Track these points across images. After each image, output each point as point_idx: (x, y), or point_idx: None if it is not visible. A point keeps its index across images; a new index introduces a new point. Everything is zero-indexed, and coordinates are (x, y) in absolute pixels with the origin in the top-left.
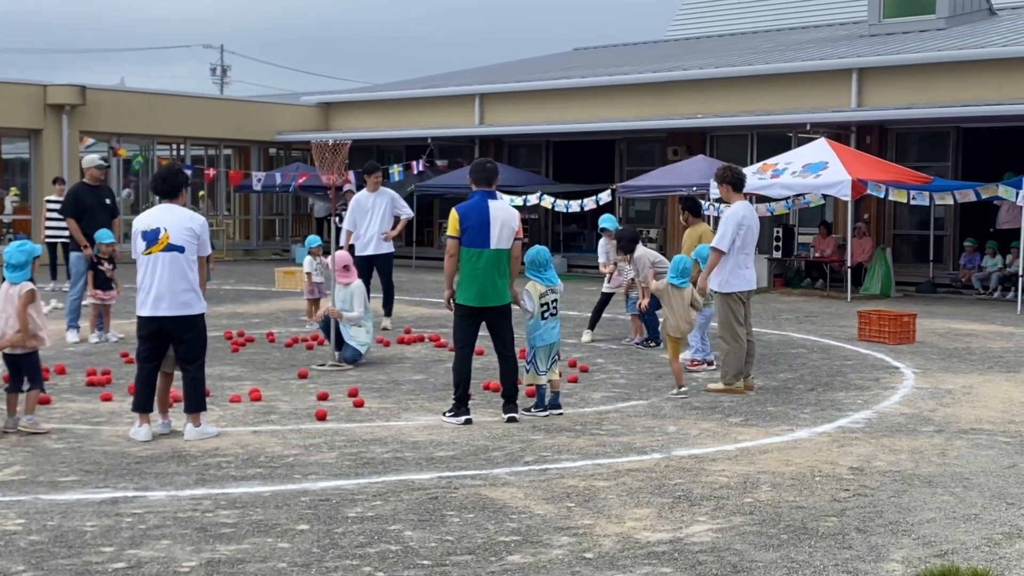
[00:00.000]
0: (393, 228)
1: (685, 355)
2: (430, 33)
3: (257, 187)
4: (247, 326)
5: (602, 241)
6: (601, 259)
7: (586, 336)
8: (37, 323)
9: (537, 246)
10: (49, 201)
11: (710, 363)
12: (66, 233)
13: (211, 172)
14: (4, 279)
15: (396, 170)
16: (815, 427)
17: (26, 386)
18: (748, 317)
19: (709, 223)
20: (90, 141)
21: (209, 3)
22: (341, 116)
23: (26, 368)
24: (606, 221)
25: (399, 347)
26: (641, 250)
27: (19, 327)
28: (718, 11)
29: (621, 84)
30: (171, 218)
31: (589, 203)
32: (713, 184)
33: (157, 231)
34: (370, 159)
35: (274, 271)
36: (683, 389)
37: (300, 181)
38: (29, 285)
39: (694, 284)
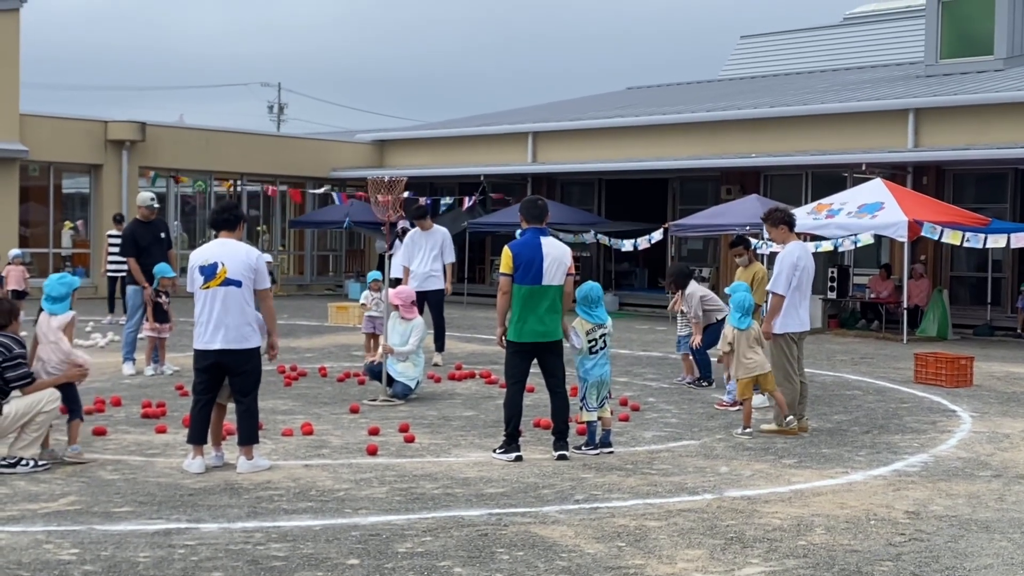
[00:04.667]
0: (445, 276)
1: (724, 397)
2: (484, 72)
3: (319, 191)
4: (300, 360)
5: None
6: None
7: None
8: (75, 351)
9: (590, 282)
10: (111, 236)
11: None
12: (125, 267)
13: (271, 190)
14: (42, 310)
15: (446, 201)
16: (870, 470)
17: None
18: (801, 358)
19: (763, 262)
20: (152, 174)
21: (267, 42)
22: (395, 153)
23: (66, 398)
24: None
25: (450, 383)
26: (693, 286)
27: (65, 355)
28: (773, 51)
29: (675, 123)
30: (229, 253)
31: (642, 242)
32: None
33: (215, 266)
34: (416, 198)
35: (327, 306)
36: (748, 430)
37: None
38: (71, 313)
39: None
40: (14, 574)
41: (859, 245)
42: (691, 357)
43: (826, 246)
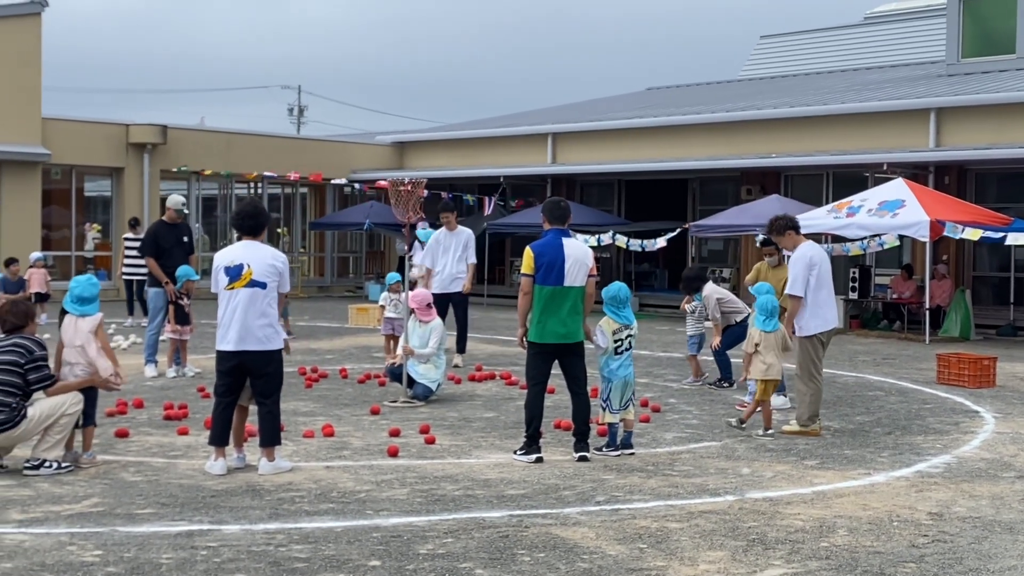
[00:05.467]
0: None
1: (745, 397)
2: (504, 73)
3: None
4: (320, 362)
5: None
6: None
7: None
8: (100, 359)
9: (618, 283)
10: (127, 239)
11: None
12: (143, 271)
13: (294, 176)
14: (66, 312)
15: (470, 197)
16: (893, 471)
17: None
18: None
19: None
20: (180, 168)
21: (287, 45)
22: (415, 155)
23: (84, 402)
24: None
25: (470, 384)
26: (709, 288)
27: (109, 360)
28: (793, 51)
29: (695, 123)
30: (254, 255)
31: (659, 241)
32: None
33: (240, 267)
34: (444, 198)
35: (348, 308)
36: (770, 432)
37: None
38: (100, 316)
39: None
40: (38, 575)
41: (885, 247)
42: (697, 358)
43: (854, 249)
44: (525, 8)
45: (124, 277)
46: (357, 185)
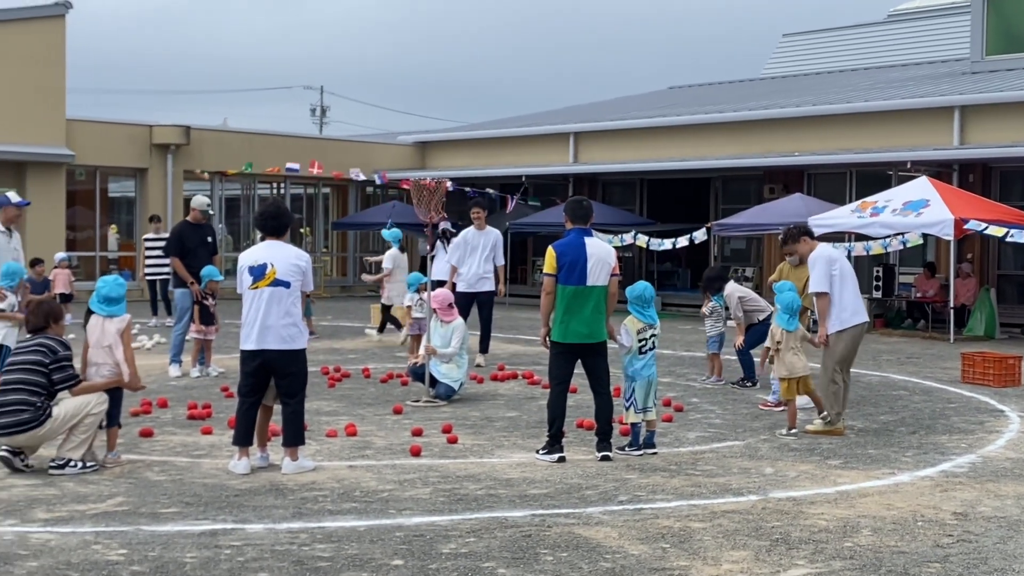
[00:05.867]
0: (496, 277)
1: (769, 397)
2: (526, 72)
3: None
4: (343, 362)
5: None
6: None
7: None
8: (125, 362)
9: (643, 282)
10: (147, 239)
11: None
12: (164, 270)
13: (316, 170)
14: (91, 312)
15: (491, 192)
16: (917, 471)
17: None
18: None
19: None
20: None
21: (309, 45)
22: (437, 155)
23: (111, 403)
24: None
25: (492, 384)
26: (731, 287)
27: (128, 365)
28: (816, 49)
29: (717, 122)
30: (278, 254)
31: (683, 241)
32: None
33: (264, 266)
34: (462, 189)
35: (370, 307)
36: (793, 431)
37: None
38: (128, 318)
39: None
40: (63, 574)
41: (908, 245)
42: (720, 357)
43: (876, 247)
44: (546, 7)
45: (147, 277)
46: (378, 179)
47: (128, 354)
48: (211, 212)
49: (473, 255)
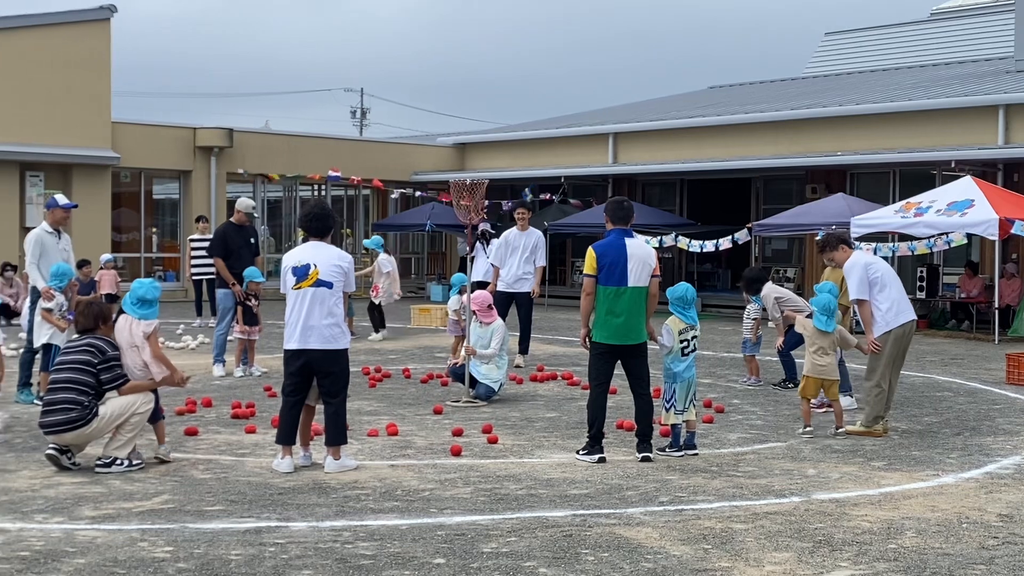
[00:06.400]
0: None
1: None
2: (564, 73)
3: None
4: (384, 362)
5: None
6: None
7: None
8: (154, 363)
9: (684, 283)
10: (193, 240)
11: (829, 405)
12: (210, 270)
13: (355, 179)
14: (122, 312)
15: (529, 193)
16: (962, 472)
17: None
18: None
19: None
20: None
21: (350, 48)
22: (476, 156)
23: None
24: None
25: (532, 385)
26: (768, 288)
27: (163, 363)
28: (858, 47)
29: (758, 122)
30: (321, 255)
31: (725, 243)
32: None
33: (307, 267)
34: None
35: (410, 308)
36: (808, 429)
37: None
38: (156, 323)
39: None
40: (110, 571)
41: (952, 245)
42: (756, 358)
43: (921, 247)
44: (587, 7)
45: (193, 277)
46: (419, 193)
47: (157, 352)
48: (256, 215)
49: (513, 255)
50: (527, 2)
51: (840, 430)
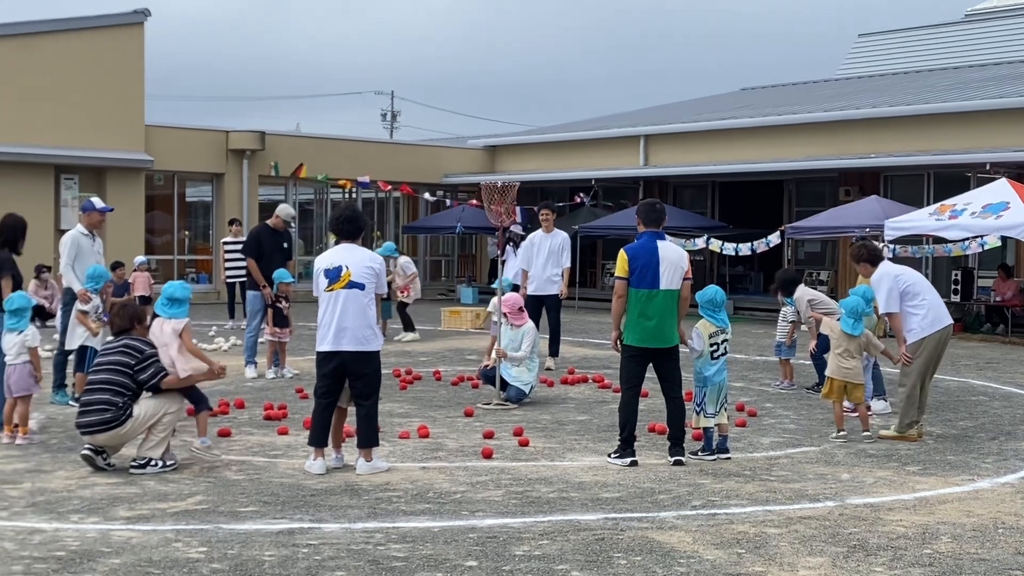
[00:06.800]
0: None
1: (845, 402)
2: (595, 75)
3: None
4: (415, 364)
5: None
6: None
7: None
8: (182, 359)
9: (713, 286)
10: (226, 243)
11: (868, 407)
12: (243, 273)
13: (387, 187)
14: (156, 315)
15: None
16: (997, 477)
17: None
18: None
19: None
20: (273, 164)
21: (380, 51)
22: (507, 158)
23: (190, 396)
24: None
25: (563, 387)
26: (801, 291)
27: (197, 357)
28: (892, 49)
29: (791, 124)
30: (353, 257)
31: (759, 245)
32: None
33: (339, 269)
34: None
35: (440, 311)
36: (841, 433)
37: (470, 203)
38: (186, 320)
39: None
40: (145, 571)
41: (986, 248)
42: (790, 361)
43: (955, 250)
44: (618, 9)
45: (227, 280)
46: (448, 202)
47: (190, 346)
48: (293, 225)
49: (538, 258)
50: (559, 5)
51: (868, 434)
